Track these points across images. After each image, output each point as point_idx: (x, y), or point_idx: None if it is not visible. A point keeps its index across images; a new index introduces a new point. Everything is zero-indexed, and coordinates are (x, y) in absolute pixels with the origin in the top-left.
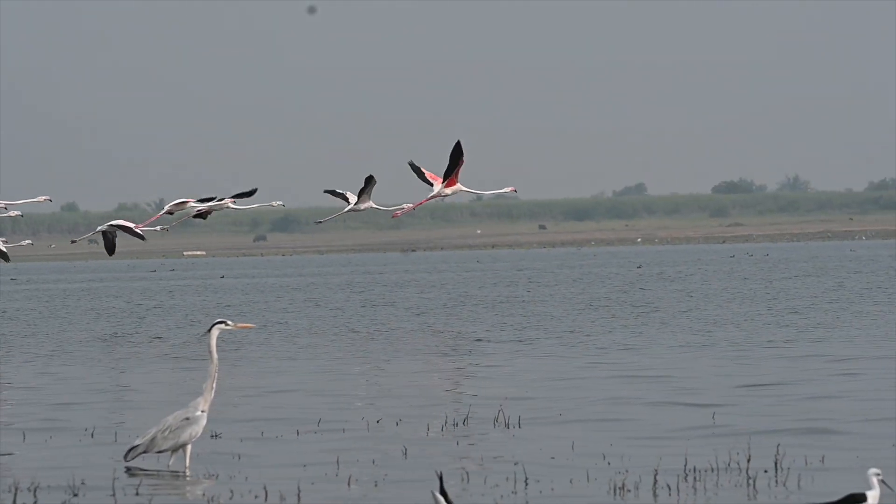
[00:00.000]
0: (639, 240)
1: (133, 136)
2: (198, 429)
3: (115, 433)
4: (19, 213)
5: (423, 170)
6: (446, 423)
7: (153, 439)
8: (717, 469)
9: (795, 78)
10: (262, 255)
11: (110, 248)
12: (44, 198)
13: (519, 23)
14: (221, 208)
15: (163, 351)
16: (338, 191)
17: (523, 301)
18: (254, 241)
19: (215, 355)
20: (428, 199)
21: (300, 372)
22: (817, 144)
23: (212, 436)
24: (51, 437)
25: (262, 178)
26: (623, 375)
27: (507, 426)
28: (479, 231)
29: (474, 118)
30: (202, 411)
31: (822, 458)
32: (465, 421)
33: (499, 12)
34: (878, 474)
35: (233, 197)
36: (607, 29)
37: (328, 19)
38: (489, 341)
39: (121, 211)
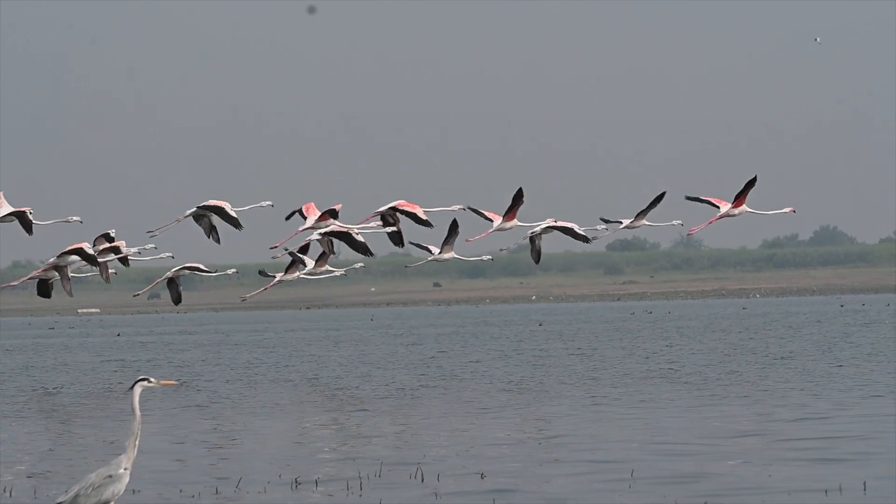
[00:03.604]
0: (533, 297)
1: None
2: (121, 486)
3: (35, 491)
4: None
5: (709, 199)
6: (368, 478)
7: (76, 497)
8: None
9: (688, 133)
10: (157, 312)
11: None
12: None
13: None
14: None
15: (81, 408)
16: (610, 219)
17: (425, 358)
18: (148, 298)
19: (138, 412)
20: (717, 219)
21: (195, 429)
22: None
23: (133, 492)
24: None
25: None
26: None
27: (424, 482)
28: (373, 289)
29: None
30: (125, 469)
31: None
32: (379, 475)
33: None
34: None
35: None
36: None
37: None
38: (379, 398)
39: (15, 269)
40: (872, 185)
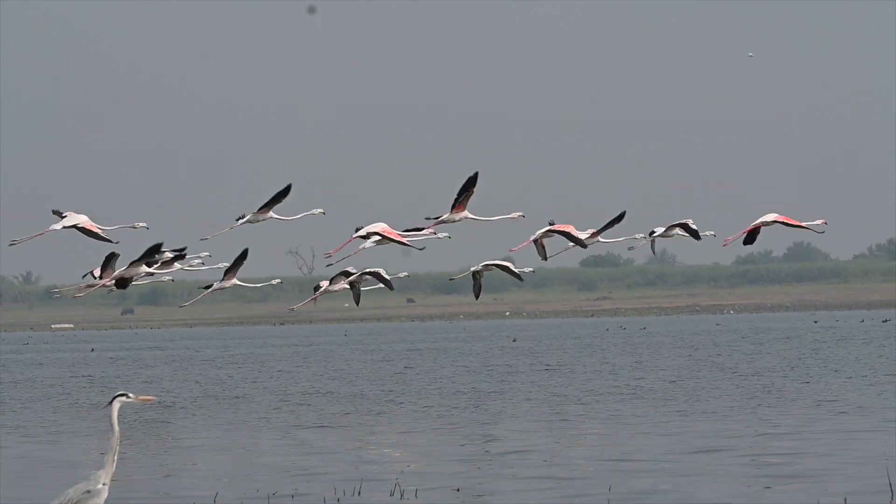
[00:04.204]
0: (507, 313)
1: None
2: (99, 501)
3: None
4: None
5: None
6: (344, 494)
7: None
8: None
9: (688, 133)
10: (130, 327)
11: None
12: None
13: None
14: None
15: (49, 423)
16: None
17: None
18: (122, 313)
19: (117, 427)
20: (752, 228)
21: (165, 445)
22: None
23: None
24: None
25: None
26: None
27: (403, 497)
28: (346, 304)
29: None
30: (104, 484)
31: None
32: (358, 492)
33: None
34: None
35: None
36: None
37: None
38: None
39: None
40: (872, 185)
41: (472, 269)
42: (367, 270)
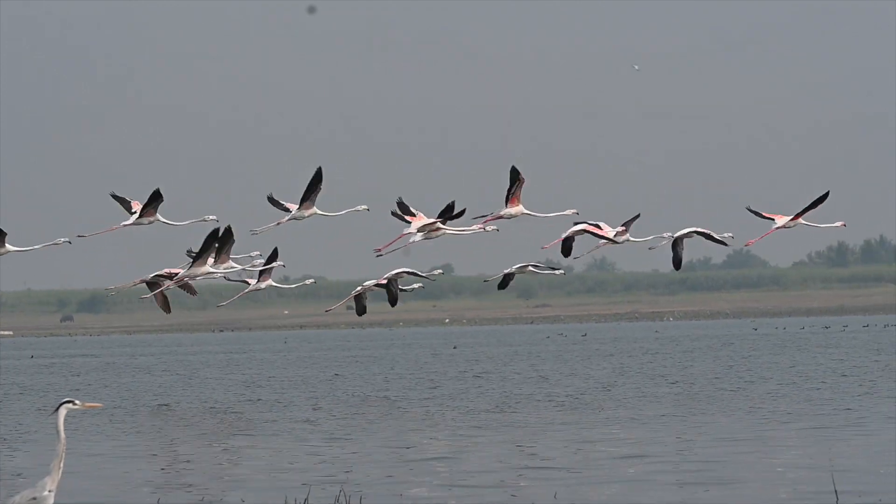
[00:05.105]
0: (447, 320)
1: None
2: None
3: None
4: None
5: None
6: (296, 502)
7: None
8: None
9: (688, 133)
10: (70, 335)
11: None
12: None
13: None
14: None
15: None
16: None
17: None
18: (61, 320)
19: (63, 434)
20: (773, 231)
21: (105, 453)
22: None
23: None
24: None
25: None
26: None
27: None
28: (286, 311)
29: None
30: (49, 490)
31: None
32: (305, 499)
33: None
34: None
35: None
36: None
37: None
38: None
39: None
40: (871, 185)
41: (504, 272)
42: (404, 270)
